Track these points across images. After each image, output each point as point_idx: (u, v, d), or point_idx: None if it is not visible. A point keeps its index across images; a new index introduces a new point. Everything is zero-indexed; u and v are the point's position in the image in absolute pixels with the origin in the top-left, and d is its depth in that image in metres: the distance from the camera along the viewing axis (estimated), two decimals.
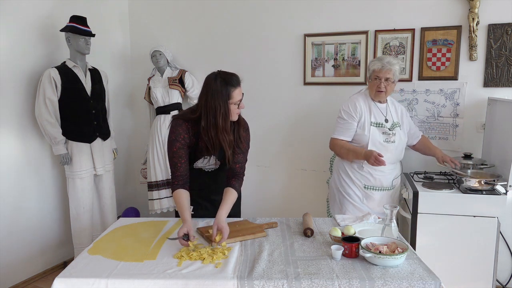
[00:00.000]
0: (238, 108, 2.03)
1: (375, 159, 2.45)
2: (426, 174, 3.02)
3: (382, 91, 2.59)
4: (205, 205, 2.29)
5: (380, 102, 2.67)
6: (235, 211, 2.41)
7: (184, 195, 2.08)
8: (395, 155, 2.66)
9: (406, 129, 2.76)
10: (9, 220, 2.98)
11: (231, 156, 2.11)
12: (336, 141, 2.68)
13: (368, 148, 2.57)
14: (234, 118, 2.05)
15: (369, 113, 2.63)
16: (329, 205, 2.92)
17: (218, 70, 2.04)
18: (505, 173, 2.56)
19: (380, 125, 2.62)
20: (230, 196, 2.10)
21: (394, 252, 1.72)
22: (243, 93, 2.03)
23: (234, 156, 2.14)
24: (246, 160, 2.21)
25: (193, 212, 2.26)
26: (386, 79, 2.56)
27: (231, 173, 2.16)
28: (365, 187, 2.67)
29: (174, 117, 2.14)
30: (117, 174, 3.72)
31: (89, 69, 3.20)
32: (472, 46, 3.00)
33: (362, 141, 2.62)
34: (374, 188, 2.67)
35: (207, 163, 2.20)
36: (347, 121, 2.64)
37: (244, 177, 2.47)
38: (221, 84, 1.96)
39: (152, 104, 3.77)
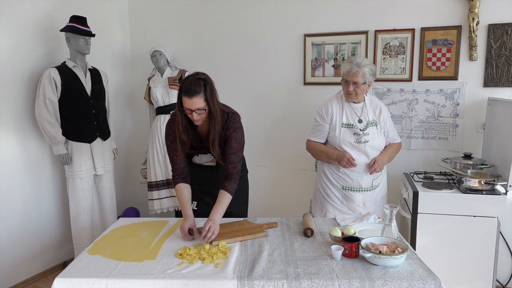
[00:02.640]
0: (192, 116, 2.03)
1: (347, 161, 2.49)
2: (426, 174, 3.01)
3: (351, 94, 2.56)
4: (208, 201, 2.29)
5: (354, 102, 2.63)
6: (242, 211, 2.42)
7: (185, 190, 2.16)
8: (371, 154, 2.59)
9: (383, 128, 2.66)
10: (9, 220, 2.97)
11: (219, 153, 2.13)
12: (310, 143, 2.72)
13: (340, 150, 2.58)
14: (195, 122, 2.07)
15: (342, 114, 2.62)
16: (311, 206, 2.90)
17: (193, 73, 2.05)
18: (505, 173, 2.56)
19: (351, 126, 2.59)
20: (223, 199, 2.09)
21: (394, 252, 1.72)
22: (205, 108, 2.01)
23: (226, 157, 2.14)
24: (240, 159, 2.19)
25: (196, 208, 2.28)
26: (354, 82, 2.51)
27: (224, 174, 2.16)
28: (343, 188, 2.64)
29: (172, 113, 2.20)
30: (117, 174, 3.72)
31: (89, 69, 3.20)
32: (472, 46, 3.00)
33: (334, 142, 2.62)
34: (353, 189, 2.62)
35: (202, 160, 2.22)
36: (319, 123, 2.66)
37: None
38: (180, 87, 2.02)
39: (152, 104, 3.77)
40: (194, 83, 1.99)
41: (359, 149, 2.57)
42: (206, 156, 2.20)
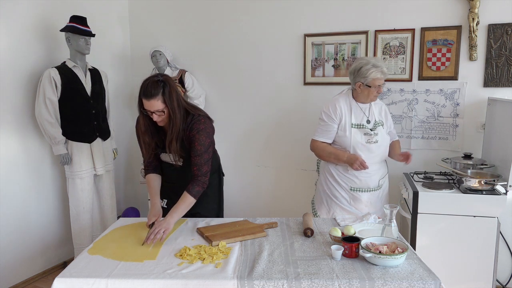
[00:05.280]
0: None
1: (360, 164, 2.46)
2: (426, 174, 3.01)
3: (374, 98, 2.56)
4: (176, 200, 2.27)
5: (362, 102, 2.61)
6: (210, 212, 2.40)
7: (155, 180, 2.27)
8: (379, 155, 2.61)
9: (389, 127, 2.70)
10: (9, 220, 2.97)
11: (175, 155, 2.16)
12: (316, 143, 2.65)
13: (351, 151, 2.55)
14: (158, 123, 2.11)
15: (350, 114, 2.58)
16: (314, 207, 2.87)
17: (153, 75, 2.09)
18: (505, 173, 2.56)
19: (361, 126, 2.57)
20: (182, 200, 2.10)
21: (394, 252, 1.72)
22: (164, 110, 2.04)
23: (191, 159, 2.15)
24: (206, 161, 2.16)
25: (166, 206, 2.31)
26: (379, 85, 2.51)
27: (191, 176, 2.16)
28: (351, 189, 2.62)
29: None
30: (117, 174, 3.73)
31: (89, 69, 3.20)
32: (472, 46, 3.00)
33: (343, 143, 2.58)
34: (361, 189, 2.61)
35: (167, 158, 2.25)
36: (327, 123, 2.59)
37: (244, 177, 2.47)
38: (140, 90, 2.05)
39: None
40: (152, 85, 2.01)
41: (369, 150, 2.56)
42: (170, 155, 2.22)
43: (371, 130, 2.57)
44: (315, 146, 2.67)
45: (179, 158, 2.19)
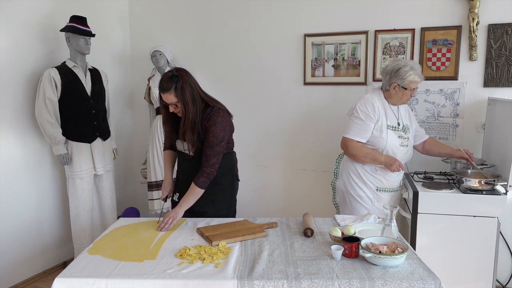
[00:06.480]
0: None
1: (398, 166, 2.49)
2: (426, 174, 3.01)
3: (408, 100, 2.59)
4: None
5: (393, 104, 2.61)
6: (220, 214, 2.38)
7: (169, 154, 2.47)
8: (407, 158, 2.68)
9: (414, 131, 2.75)
10: (9, 220, 2.98)
11: (191, 146, 2.23)
12: (351, 143, 2.56)
13: (384, 152, 2.56)
14: (178, 114, 2.21)
15: (385, 115, 2.56)
16: (339, 208, 2.86)
17: (171, 69, 2.19)
18: (505, 173, 2.55)
19: (395, 129, 2.58)
20: (190, 191, 2.22)
21: (394, 252, 1.72)
22: (177, 103, 2.14)
23: (203, 149, 2.21)
24: (216, 154, 2.20)
25: (177, 200, 2.33)
26: (414, 89, 2.54)
27: (200, 166, 2.22)
28: (377, 190, 2.65)
29: None
30: (117, 174, 3.72)
31: (89, 69, 3.20)
32: (472, 46, 3.00)
33: (377, 144, 2.56)
34: (386, 190, 2.65)
35: (182, 147, 2.29)
36: (364, 122, 2.53)
37: (244, 177, 2.48)
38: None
39: (152, 104, 3.77)
40: (166, 80, 2.12)
41: (401, 152, 2.59)
42: (184, 143, 2.26)
43: (404, 132, 2.59)
44: (351, 145, 2.58)
45: (192, 148, 2.22)
